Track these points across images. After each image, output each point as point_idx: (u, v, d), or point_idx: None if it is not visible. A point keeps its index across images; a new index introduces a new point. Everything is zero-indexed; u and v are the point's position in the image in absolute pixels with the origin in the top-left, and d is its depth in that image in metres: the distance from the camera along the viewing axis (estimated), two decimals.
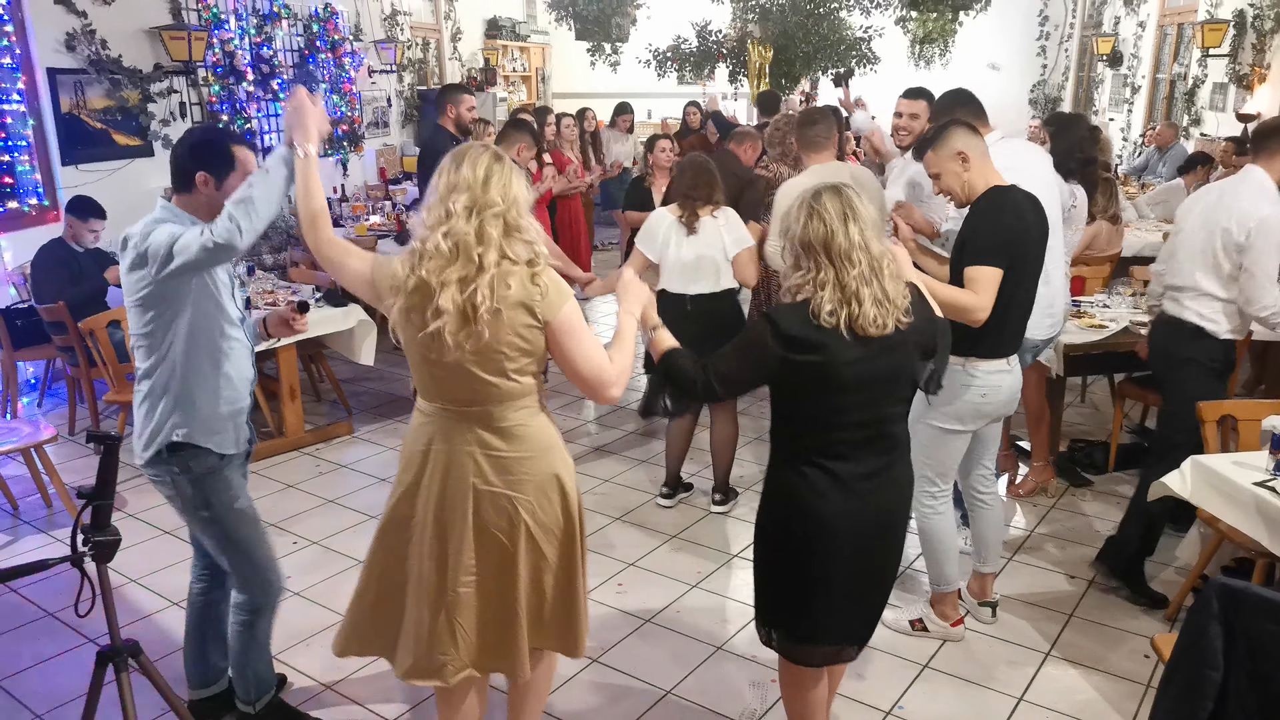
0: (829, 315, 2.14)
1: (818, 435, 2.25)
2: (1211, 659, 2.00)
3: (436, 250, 2.09)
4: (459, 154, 2.16)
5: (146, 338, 2.46)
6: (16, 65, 5.88)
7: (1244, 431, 3.25)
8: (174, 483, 2.53)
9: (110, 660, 2.16)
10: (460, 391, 2.17)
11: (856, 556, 2.29)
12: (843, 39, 10.85)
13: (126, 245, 2.40)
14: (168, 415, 2.48)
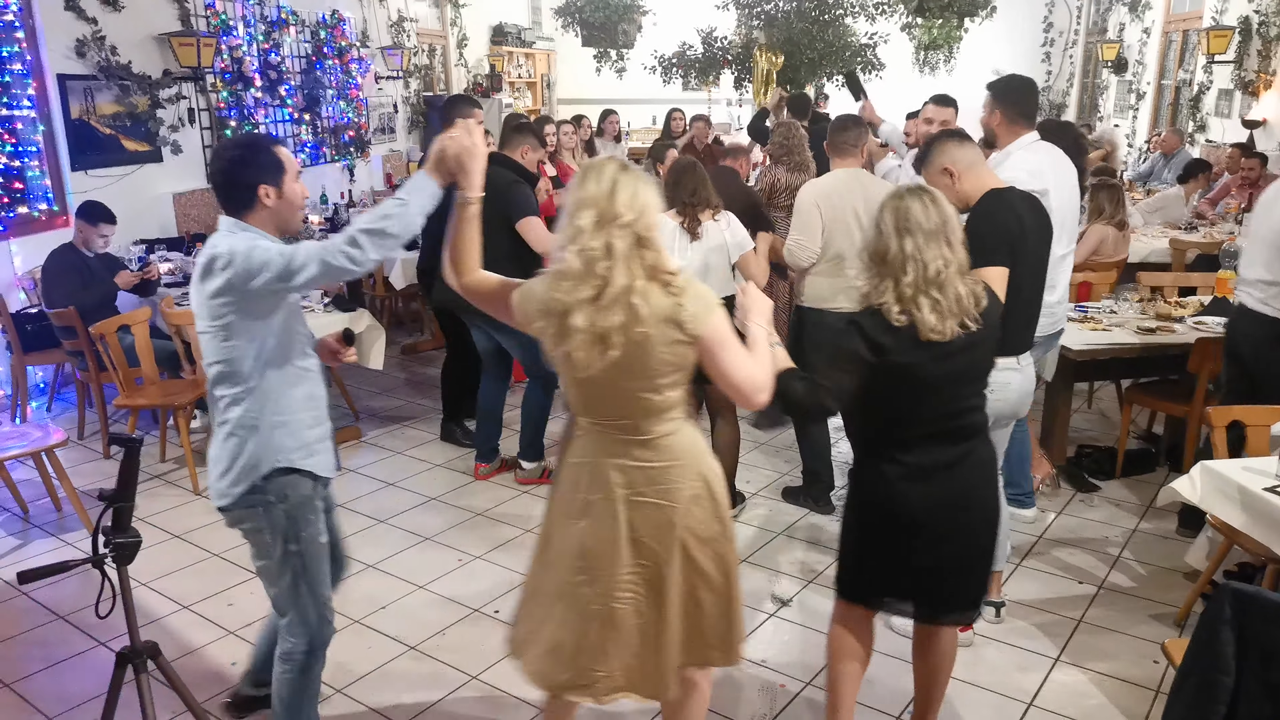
0: (898, 317, 2.27)
1: (898, 431, 2.37)
2: (1224, 664, 2.00)
3: (567, 269, 2.05)
4: (586, 169, 2.12)
5: (229, 364, 2.33)
6: (27, 71, 5.92)
7: (1253, 437, 3.26)
8: (267, 514, 2.39)
9: (130, 661, 2.17)
10: (610, 407, 2.15)
11: (939, 539, 2.41)
12: (848, 45, 10.86)
13: (214, 268, 2.23)
14: (265, 443, 2.36)
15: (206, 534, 4.24)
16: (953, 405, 2.38)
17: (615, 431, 2.16)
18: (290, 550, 2.43)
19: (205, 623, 3.54)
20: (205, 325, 2.32)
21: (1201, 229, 6.99)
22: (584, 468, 2.20)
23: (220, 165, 2.35)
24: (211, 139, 7.45)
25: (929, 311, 2.26)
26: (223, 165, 2.34)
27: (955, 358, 2.31)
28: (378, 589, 3.76)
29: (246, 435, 2.36)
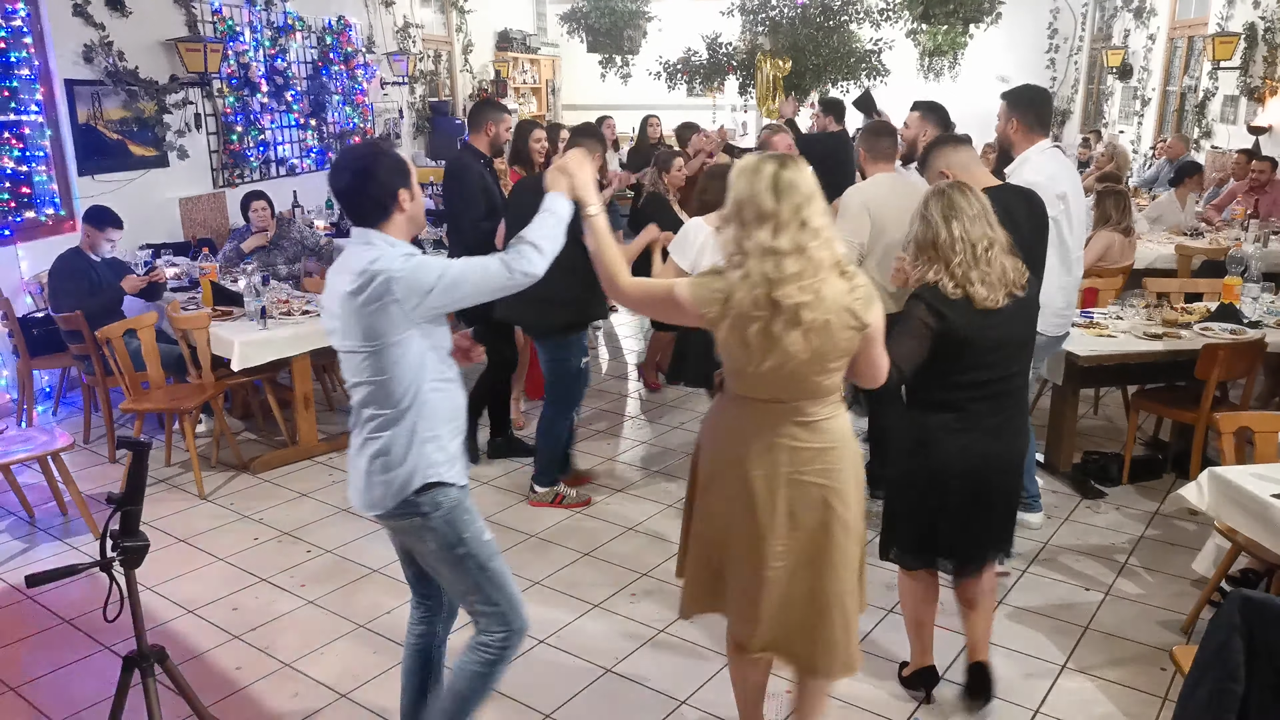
0: (953, 291, 2.59)
1: (956, 394, 2.67)
2: (1234, 672, 2.00)
3: (763, 261, 2.15)
4: (742, 168, 2.23)
5: (383, 385, 2.28)
6: (35, 77, 5.94)
7: (1261, 443, 3.25)
8: (427, 523, 2.37)
9: (137, 665, 2.17)
10: (782, 389, 2.25)
11: (976, 493, 2.72)
12: (853, 52, 10.87)
13: (369, 286, 2.18)
14: (417, 460, 2.32)
15: (212, 538, 4.24)
16: (1002, 369, 2.69)
17: (781, 412, 2.27)
18: (459, 554, 2.40)
19: (211, 627, 3.54)
20: (356, 344, 2.27)
21: (1207, 235, 6.97)
22: (748, 444, 2.29)
23: (353, 178, 2.26)
24: (218, 144, 7.47)
25: (980, 285, 2.59)
26: (356, 178, 2.26)
27: (1007, 324, 2.64)
28: (382, 593, 3.76)
29: (402, 450, 2.31)
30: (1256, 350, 4.27)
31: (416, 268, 2.21)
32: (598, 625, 3.53)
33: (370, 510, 2.40)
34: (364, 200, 2.27)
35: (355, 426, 2.41)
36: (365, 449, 2.36)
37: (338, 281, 2.30)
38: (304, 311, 5.17)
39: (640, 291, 2.38)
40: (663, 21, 12.20)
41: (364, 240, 2.30)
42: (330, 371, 5.82)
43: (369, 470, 2.36)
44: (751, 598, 2.36)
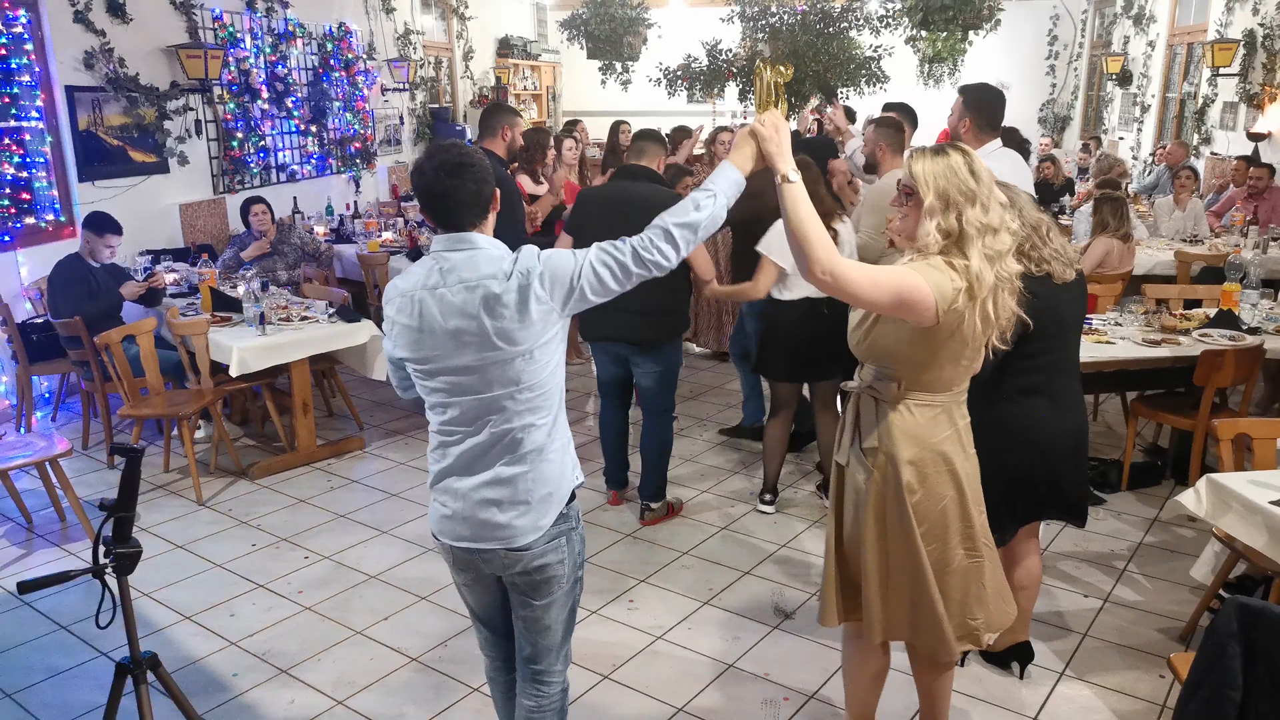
0: (1037, 270, 2.64)
1: (1034, 375, 2.73)
2: (1231, 679, 1.99)
3: (974, 247, 2.20)
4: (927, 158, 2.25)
5: (537, 388, 2.12)
6: (36, 83, 5.96)
7: (1259, 450, 3.24)
8: (569, 542, 2.22)
9: (129, 673, 2.17)
10: (970, 372, 2.37)
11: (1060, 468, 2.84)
12: (852, 58, 10.87)
13: (515, 283, 2.04)
14: (569, 465, 2.22)
15: (209, 544, 4.24)
16: (1073, 343, 2.84)
17: (960, 396, 2.39)
18: (578, 578, 2.29)
19: (207, 633, 3.54)
20: (527, 350, 2.08)
21: (1206, 240, 6.97)
22: (949, 440, 2.35)
23: (451, 178, 2.08)
24: (218, 150, 7.49)
25: (1054, 262, 2.69)
26: (456, 178, 2.08)
27: (1078, 299, 2.77)
28: (380, 599, 3.75)
29: (555, 460, 2.18)
30: (1255, 356, 4.26)
31: (553, 260, 2.07)
32: (595, 633, 3.52)
33: (524, 538, 2.15)
34: (468, 206, 2.10)
35: (472, 463, 2.15)
36: (507, 471, 2.13)
37: (448, 296, 2.07)
38: (303, 317, 5.18)
39: (865, 279, 2.13)
40: (663, 28, 12.22)
41: (463, 244, 2.10)
42: (329, 377, 5.82)
43: (527, 493, 2.13)
44: (979, 586, 2.43)
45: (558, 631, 2.32)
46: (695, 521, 4.40)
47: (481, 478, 2.15)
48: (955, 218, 2.20)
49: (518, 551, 2.16)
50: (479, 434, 2.14)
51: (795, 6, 10.88)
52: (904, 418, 2.32)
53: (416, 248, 6.90)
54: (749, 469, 4.98)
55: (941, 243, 2.21)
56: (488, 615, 2.40)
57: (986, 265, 2.20)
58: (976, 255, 2.19)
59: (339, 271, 7.08)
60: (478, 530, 2.17)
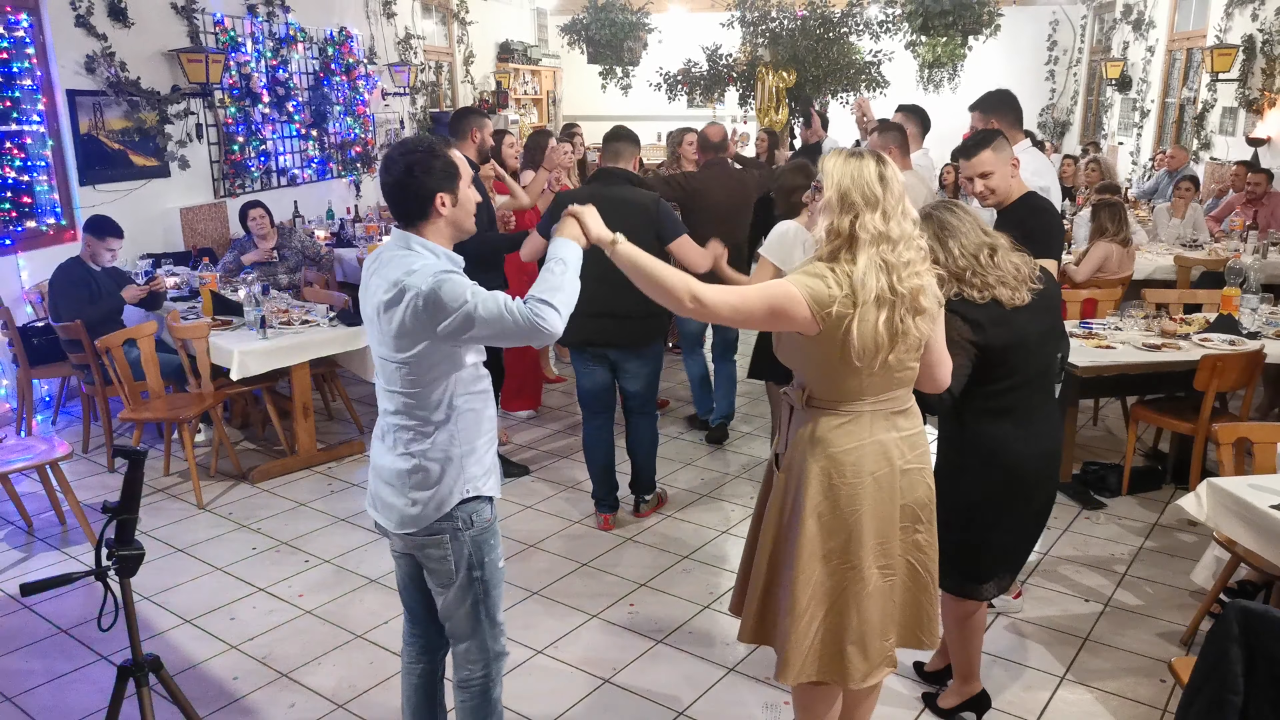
0: (980, 297, 2.59)
1: (1004, 398, 2.66)
2: (1232, 683, 1.99)
3: (866, 254, 2.14)
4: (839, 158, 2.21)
5: (417, 397, 2.23)
6: (37, 87, 5.97)
7: (1260, 454, 3.25)
8: (454, 541, 2.30)
9: (131, 675, 2.17)
10: (891, 384, 2.26)
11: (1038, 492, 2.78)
12: (852, 63, 10.90)
13: (402, 300, 2.12)
14: (458, 474, 2.27)
15: (210, 548, 4.23)
16: (1043, 362, 2.75)
17: (888, 405, 2.27)
18: (474, 576, 2.35)
19: (208, 637, 3.53)
20: (389, 353, 2.22)
21: (1206, 246, 6.98)
22: (863, 449, 2.25)
23: (394, 175, 2.20)
24: (219, 154, 7.50)
25: (1000, 286, 2.61)
26: (397, 175, 2.19)
27: (1036, 317, 2.65)
28: (380, 603, 3.75)
29: (438, 467, 2.26)
30: (1255, 361, 4.27)
31: (444, 291, 2.10)
32: (596, 636, 3.52)
33: (402, 528, 2.30)
34: (405, 199, 2.20)
35: (382, 437, 2.35)
36: (398, 463, 2.28)
37: (374, 286, 2.23)
38: (304, 321, 5.18)
39: (733, 302, 2.16)
40: (663, 33, 12.25)
41: (403, 244, 2.22)
42: (329, 381, 5.82)
43: (403, 485, 2.28)
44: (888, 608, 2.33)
45: (458, 621, 2.41)
46: (695, 525, 4.40)
47: (382, 458, 2.34)
48: (850, 220, 2.15)
49: (392, 532, 2.35)
50: (381, 417, 2.36)
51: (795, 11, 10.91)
52: (811, 425, 2.27)
53: None
54: (749, 472, 4.98)
55: (829, 242, 2.18)
56: (401, 584, 2.57)
57: (875, 273, 2.13)
58: (864, 260, 2.14)
59: (339, 275, 7.09)
60: (375, 502, 2.38)
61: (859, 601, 2.27)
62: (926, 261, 2.23)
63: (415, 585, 2.51)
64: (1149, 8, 11.55)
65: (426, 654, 2.60)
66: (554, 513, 4.54)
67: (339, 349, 5.14)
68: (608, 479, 4.41)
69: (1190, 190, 7.49)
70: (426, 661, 2.61)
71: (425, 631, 2.58)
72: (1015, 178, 3.22)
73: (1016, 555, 2.89)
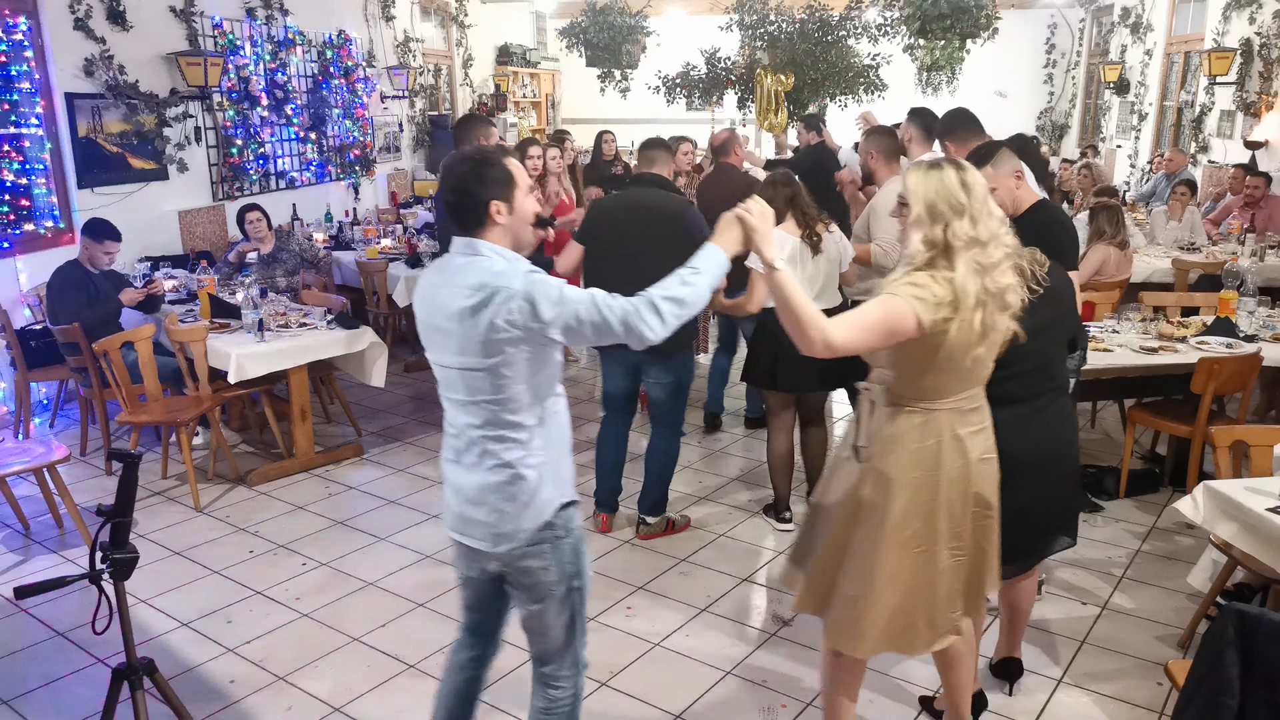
0: None
1: (1000, 383, 2.57)
2: (1228, 686, 1.99)
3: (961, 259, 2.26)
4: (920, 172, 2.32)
5: (508, 403, 2.16)
6: (35, 90, 5.97)
7: (1256, 457, 3.25)
8: (557, 550, 2.25)
9: (126, 678, 2.17)
10: (970, 382, 2.39)
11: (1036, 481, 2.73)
12: (850, 66, 10.90)
13: (493, 300, 2.07)
14: (554, 477, 2.24)
15: (207, 551, 4.23)
16: (1041, 357, 2.70)
17: (966, 402, 2.39)
18: (573, 587, 2.30)
19: (205, 640, 3.53)
20: (475, 361, 2.13)
21: (1204, 249, 6.98)
22: (943, 445, 2.37)
23: (450, 183, 2.19)
24: (217, 158, 7.50)
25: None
26: (453, 183, 2.18)
27: (1035, 313, 2.53)
28: (377, 606, 3.75)
29: (535, 474, 2.20)
30: (1252, 364, 4.27)
31: (538, 290, 2.07)
32: (593, 639, 3.50)
33: (499, 545, 2.22)
34: (461, 207, 2.18)
35: (458, 456, 2.26)
36: (490, 477, 2.20)
37: (447, 295, 2.15)
38: (301, 324, 5.18)
39: (854, 339, 2.23)
40: (661, 36, 12.26)
41: (470, 249, 2.18)
42: (327, 384, 5.82)
43: (499, 499, 2.20)
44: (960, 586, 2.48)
45: (553, 638, 2.34)
46: (693, 528, 4.40)
47: (466, 476, 2.25)
48: (941, 230, 2.26)
49: (491, 551, 2.25)
50: (459, 435, 2.25)
51: (794, 15, 10.93)
52: (894, 422, 2.37)
53: (415, 254, 6.91)
54: (745, 475, 4.98)
55: (926, 254, 2.27)
56: (472, 604, 2.49)
57: (973, 277, 2.24)
58: (962, 267, 2.24)
59: (338, 278, 7.09)
60: (462, 525, 2.29)
61: (931, 581, 2.41)
62: (1011, 259, 2.33)
63: (488, 604, 2.45)
64: (1147, 11, 11.56)
65: (477, 664, 2.56)
66: None
67: (337, 352, 5.14)
68: (612, 479, 4.36)
69: (1188, 193, 7.50)
70: (474, 670, 2.56)
71: (484, 645, 2.54)
72: (1021, 188, 3.23)
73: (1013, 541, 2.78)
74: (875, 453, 2.39)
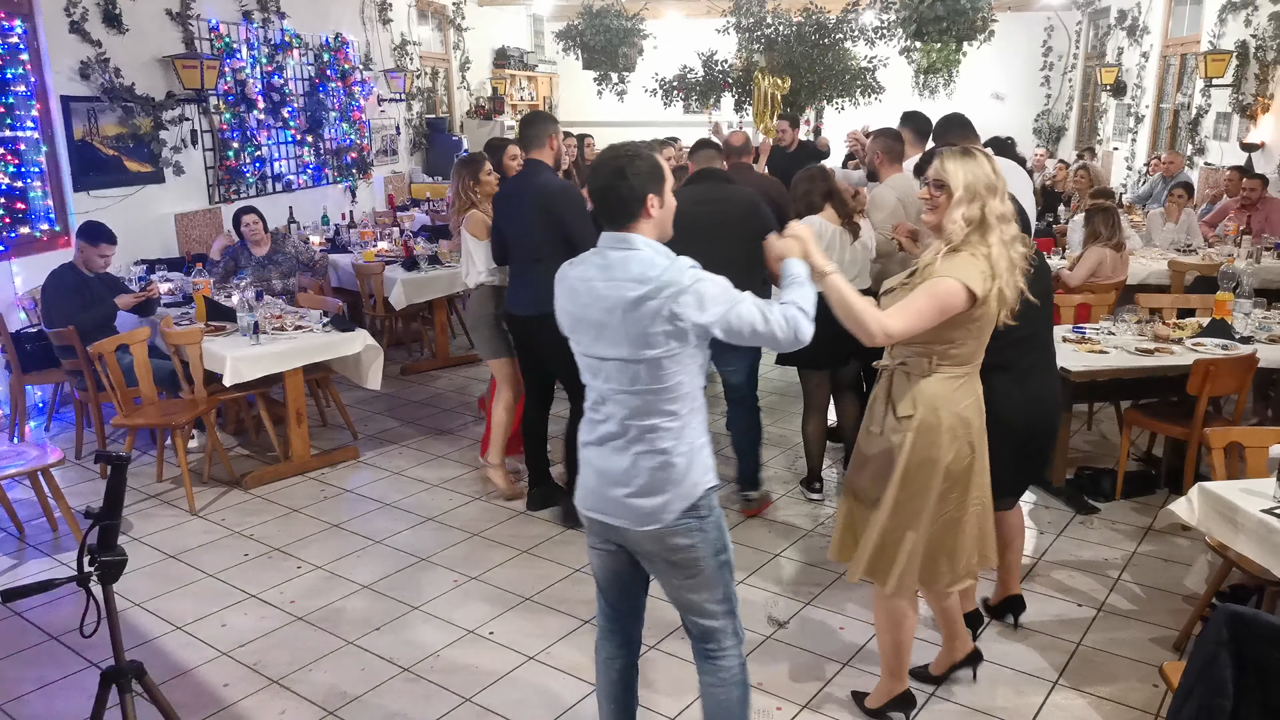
0: None
1: (1003, 353, 2.83)
2: (1222, 687, 1.98)
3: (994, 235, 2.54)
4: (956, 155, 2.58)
5: (665, 393, 2.24)
6: (31, 93, 5.96)
7: (1251, 459, 3.25)
8: (703, 529, 2.33)
9: (114, 681, 2.16)
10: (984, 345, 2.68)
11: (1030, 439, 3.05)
12: (847, 69, 10.92)
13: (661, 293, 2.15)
14: (701, 465, 2.32)
15: (202, 554, 4.22)
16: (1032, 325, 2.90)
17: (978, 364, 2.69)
18: (722, 560, 2.39)
19: (199, 643, 3.52)
20: (632, 352, 2.21)
21: (1200, 251, 6.99)
22: (975, 403, 2.70)
23: (605, 178, 2.26)
24: (214, 160, 7.50)
25: None
26: (607, 178, 2.25)
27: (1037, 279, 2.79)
28: (372, 610, 3.74)
29: (684, 460, 2.28)
30: (1248, 366, 4.27)
31: (705, 287, 2.17)
32: (588, 641, 3.50)
33: (646, 525, 2.29)
34: (615, 201, 2.24)
35: (602, 441, 2.33)
36: (642, 462, 2.27)
37: (606, 287, 2.22)
38: (297, 327, 5.17)
39: (912, 319, 2.47)
40: (658, 39, 12.27)
41: (623, 243, 2.25)
42: (323, 387, 5.81)
43: (649, 482, 2.27)
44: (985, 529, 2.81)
45: (712, 611, 2.42)
46: None
47: (613, 459, 2.32)
48: (979, 208, 2.52)
49: (638, 530, 2.31)
50: (610, 421, 2.31)
51: (791, 17, 10.94)
52: (934, 387, 2.63)
53: (412, 257, 6.91)
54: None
55: (965, 230, 2.53)
56: (608, 586, 2.54)
57: (1003, 250, 2.53)
58: (996, 241, 2.53)
59: (334, 281, 7.09)
60: (603, 503, 2.35)
61: (959, 529, 2.73)
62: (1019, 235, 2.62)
63: (622, 581, 2.51)
64: (1143, 13, 11.58)
65: (626, 648, 2.61)
66: (547, 517, 4.53)
67: (332, 354, 5.13)
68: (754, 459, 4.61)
69: (1184, 196, 7.50)
70: (626, 655, 2.61)
71: (625, 626, 2.59)
72: None
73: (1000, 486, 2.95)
74: (923, 416, 2.63)
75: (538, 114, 4.55)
